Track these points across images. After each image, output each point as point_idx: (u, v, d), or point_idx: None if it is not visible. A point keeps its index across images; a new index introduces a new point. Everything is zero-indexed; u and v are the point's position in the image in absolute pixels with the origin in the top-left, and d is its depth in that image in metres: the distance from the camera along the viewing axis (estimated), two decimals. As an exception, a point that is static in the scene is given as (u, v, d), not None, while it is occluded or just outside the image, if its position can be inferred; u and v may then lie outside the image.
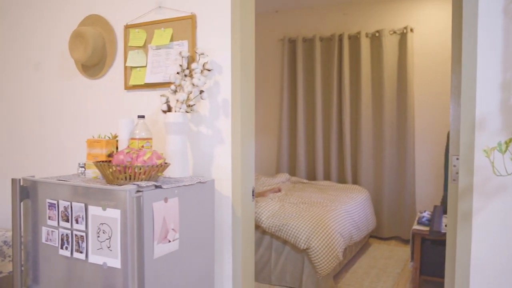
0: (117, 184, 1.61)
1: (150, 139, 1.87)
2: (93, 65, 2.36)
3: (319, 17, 5.35)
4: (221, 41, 1.97)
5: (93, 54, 2.26)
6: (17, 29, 2.75)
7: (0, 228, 2.78)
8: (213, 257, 1.92)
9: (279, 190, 4.28)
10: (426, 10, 4.76)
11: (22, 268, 1.78)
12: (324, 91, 5.29)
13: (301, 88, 5.33)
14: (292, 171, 5.49)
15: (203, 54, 1.91)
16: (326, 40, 5.27)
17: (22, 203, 1.75)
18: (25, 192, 1.74)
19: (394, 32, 4.87)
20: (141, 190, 1.50)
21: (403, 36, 4.81)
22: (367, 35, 5.00)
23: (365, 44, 5.00)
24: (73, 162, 2.50)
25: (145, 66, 2.16)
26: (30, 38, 2.69)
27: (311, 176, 5.38)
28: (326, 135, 5.29)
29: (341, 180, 5.21)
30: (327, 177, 5.29)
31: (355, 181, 5.13)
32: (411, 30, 4.75)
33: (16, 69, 2.77)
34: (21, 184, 1.74)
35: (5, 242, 2.42)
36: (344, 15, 5.21)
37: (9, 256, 2.44)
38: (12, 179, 1.72)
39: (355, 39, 5.09)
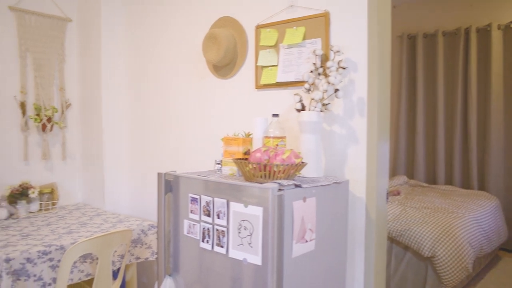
0: (255, 182, 1.63)
1: (284, 137, 1.87)
2: (224, 65, 2.44)
3: (442, 10, 5.00)
4: (356, 38, 1.91)
5: (225, 55, 2.33)
6: (153, 32, 2.95)
7: (137, 217, 3.02)
8: (345, 259, 1.86)
9: (398, 193, 4.08)
10: None
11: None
12: (447, 89, 4.93)
13: (421, 87, 5.03)
14: (410, 174, 5.21)
15: (339, 51, 1.86)
16: (449, 34, 4.91)
17: (165, 196, 1.86)
18: (169, 186, 1.84)
19: (534, 23, 4.38)
20: (282, 188, 1.50)
21: (544, 27, 4.30)
22: (499, 27, 4.55)
23: (496, 37, 4.56)
24: (206, 159, 2.61)
25: (276, 65, 2.18)
26: (165, 41, 2.87)
27: (431, 179, 5.06)
28: (449, 137, 4.93)
29: (465, 185, 4.82)
30: (448, 181, 4.94)
31: (482, 187, 4.71)
32: (555, 19, 4.22)
33: (153, 71, 2.98)
34: (166, 178, 1.84)
35: (142, 231, 2.61)
36: (471, 6, 4.80)
37: (146, 244, 2.62)
38: (158, 173, 1.83)
39: (484, 32, 4.67)
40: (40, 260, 2.11)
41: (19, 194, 2.84)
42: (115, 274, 2.52)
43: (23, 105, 2.99)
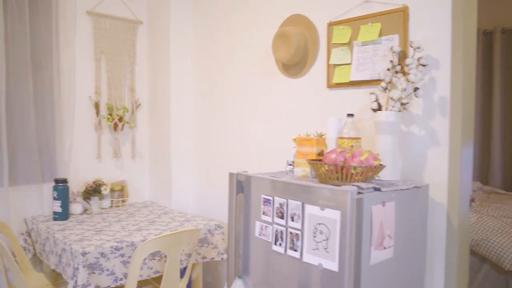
0: (330, 184, 1.57)
1: (359, 138, 1.79)
2: (295, 64, 2.39)
3: (523, 4, 4.64)
4: (438, 33, 1.79)
5: (296, 53, 2.28)
6: (221, 32, 2.96)
7: (203, 217, 3.04)
8: (424, 269, 1.75)
9: (473, 200, 3.83)
10: None
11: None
12: (527, 89, 4.58)
13: (498, 87, 4.70)
14: (484, 180, 4.89)
15: (419, 48, 1.75)
16: (532, 30, 4.55)
17: (237, 197, 1.83)
18: (240, 186, 1.82)
19: None
20: (361, 192, 1.42)
21: None
22: None
23: None
24: (275, 159, 2.57)
25: (350, 64, 2.10)
26: (233, 41, 2.87)
27: (508, 186, 4.72)
28: (529, 140, 4.58)
29: (548, 193, 4.45)
30: (529, 188, 4.58)
31: None
32: None
33: (221, 70, 2.99)
34: (237, 178, 1.82)
35: (209, 230, 2.62)
36: (558, 0, 4.43)
37: (212, 244, 2.63)
38: (230, 173, 1.81)
39: None
40: (112, 255, 2.17)
41: (93, 191, 2.95)
42: (181, 273, 2.54)
43: (97, 105, 3.11)
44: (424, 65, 1.76)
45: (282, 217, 1.62)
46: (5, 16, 2.65)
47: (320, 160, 1.75)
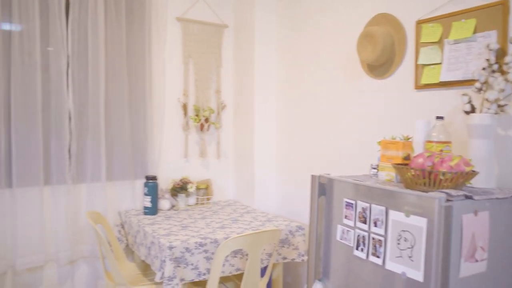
0: (416, 190, 1.50)
1: (450, 142, 1.69)
2: (380, 65, 2.32)
3: None
4: (543, 28, 1.64)
5: (382, 54, 2.22)
6: (304, 34, 2.96)
7: (285, 218, 3.06)
8: (522, 286, 1.61)
9: None
10: None
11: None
12: None
13: None
14: None
15: (520, 44, 1.62)
16: None
17: (319, 199, 1.82)
18: (322, 189, 1.81)
19: None
20: (451, 199, 1.34)
21: None
22: None
23: None
24: (358, 162, 2.52)
25: (440, 63, 1.99)
26: (316, 42, 2.85)
27: None
28: None
29: None
30: None
31: None
32: None
33: (304, 72, 2.99)
34: (319, 181, 1.81)
35: (290, 231, 2.63)
36: None
37: (293, 245, 2.63)
38: (312, 176, 1.81)
39: None
40: (196, 250, 2.26)
41: (180, 188, 3.10)
42: (262, 272, 2.58)
43: (185, 107, 3.26)
44: (525, 64, 1.62)
45: (364, 222, 1.58)
46: (106, 26, 2.87)
47: (406, 164, 1.68)
